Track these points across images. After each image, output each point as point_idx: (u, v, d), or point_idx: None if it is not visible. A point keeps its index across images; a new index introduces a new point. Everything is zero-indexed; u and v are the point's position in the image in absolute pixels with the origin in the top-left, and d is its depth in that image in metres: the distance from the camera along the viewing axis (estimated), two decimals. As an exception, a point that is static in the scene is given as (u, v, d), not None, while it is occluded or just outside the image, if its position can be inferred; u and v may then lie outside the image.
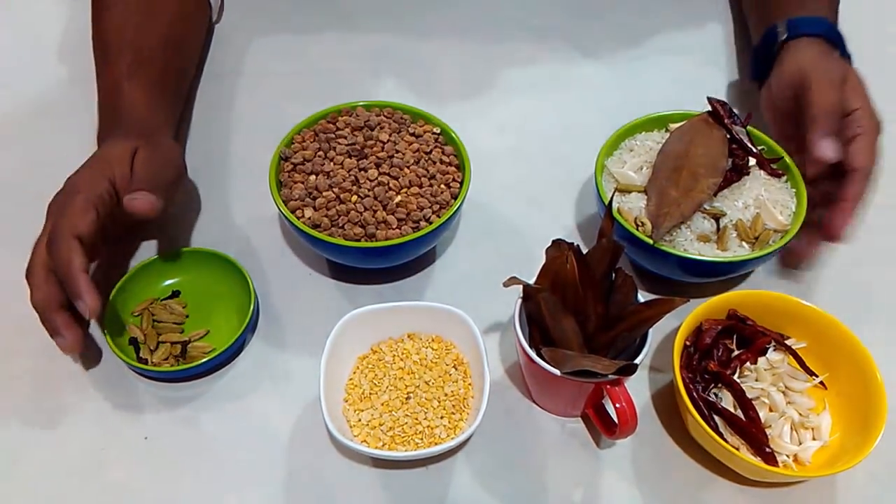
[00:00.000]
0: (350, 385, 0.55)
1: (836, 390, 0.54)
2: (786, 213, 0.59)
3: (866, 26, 0.79)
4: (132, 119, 0.62)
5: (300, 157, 0.61)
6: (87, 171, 0.56)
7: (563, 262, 0.50)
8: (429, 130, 0.64)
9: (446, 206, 0.59)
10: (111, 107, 0.64)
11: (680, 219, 0.57)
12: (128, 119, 0.62)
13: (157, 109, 0.64)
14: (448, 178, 0.61)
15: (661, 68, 0.82)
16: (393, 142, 0.62)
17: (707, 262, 0.56)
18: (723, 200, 0.60)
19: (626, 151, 0.64)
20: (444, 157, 0.62)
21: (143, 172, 0.57)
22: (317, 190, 0.59)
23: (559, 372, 0.48)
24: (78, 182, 0.55)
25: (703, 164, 0.59)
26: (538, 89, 0.80)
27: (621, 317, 0.50)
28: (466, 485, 0.52)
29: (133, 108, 0.63)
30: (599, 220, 0.59)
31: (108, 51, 0.66)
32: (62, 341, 0.52)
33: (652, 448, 0.54)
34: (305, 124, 0.64)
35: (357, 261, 0.60)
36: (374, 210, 0.58)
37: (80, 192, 0.54)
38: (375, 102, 0.66)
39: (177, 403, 0.56)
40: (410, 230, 0.58)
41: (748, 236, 0.58)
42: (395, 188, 0.59)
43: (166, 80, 0.68)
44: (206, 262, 0.61)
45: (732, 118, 0.62)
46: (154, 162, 0.58)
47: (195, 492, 0.52)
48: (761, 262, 0.60)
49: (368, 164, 0.61)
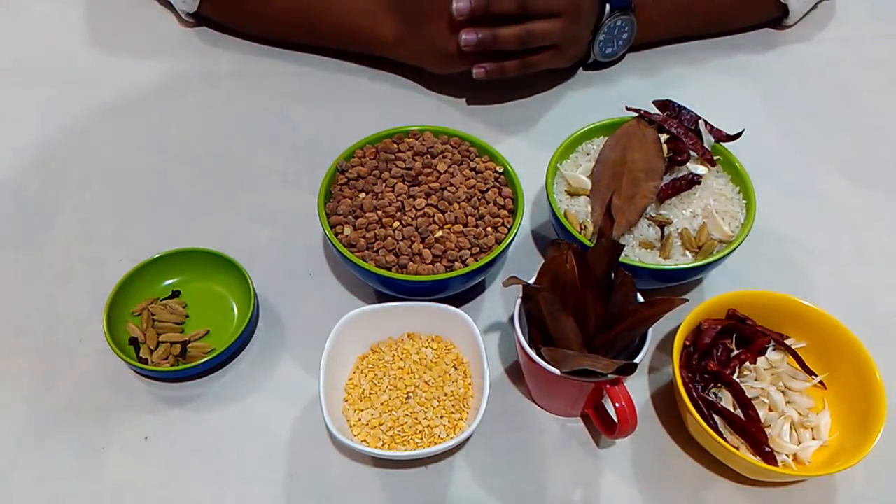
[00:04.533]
0: (350, 385, 0.55)
1: (836, 390, 0.54)
2: (734, 224, 0.59)
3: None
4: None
5: (355, 173, 0.60)
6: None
7: (563, 261, 0.50)
8: (491, 168, 0.62)
9: (487, 250, 0.57)
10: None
11: (627, 226, 0.57)
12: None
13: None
14: (497, 221, 0.58)
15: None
16: (450, 173, 0.60)
17: (645, 269, 0.55)
18: (670, 209, 0.59)
19: (582, 155, 0.64)
20: (499, 199, 0.59)
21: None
22: (361, 209, 0.58)
23: (559, 371, 0.48)
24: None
25: (641, 168, 0.59)
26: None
27: (621, 316, 0.50)
28: (466, 484, 0.52)
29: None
30: (551, 226, 0.59)
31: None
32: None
33: (652, 448, 0.54)
34: (370, 140, 0.63)
35: (383, 287, 0.59)
36: (412, 241, 0.57)
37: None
38: (443, 129, 0.64)
39: (177, 403, 0.56)
40: (443, 269, 0.55)
41: (692, 245, 0.57)
42: (440, 222, 0.57)
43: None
44: (206, 262, 0.61)
45: (672, 110, 0.62)
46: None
47: (195, 492, 0.52)
48: (702, 272, 0.59)
49: (419, 192, 0.59)
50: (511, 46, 0.69)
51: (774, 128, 0.76)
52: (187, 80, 0.80)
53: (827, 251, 0.66)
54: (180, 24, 0.86)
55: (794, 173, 0.72)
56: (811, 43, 0.85)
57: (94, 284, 0.61)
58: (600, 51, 0.78)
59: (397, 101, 0.78)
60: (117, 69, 0.82)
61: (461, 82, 0.76)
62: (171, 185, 0.71)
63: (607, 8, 0.74)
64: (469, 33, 0.68)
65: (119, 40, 0.85)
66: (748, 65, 0.83)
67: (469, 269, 0.55)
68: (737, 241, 0.57)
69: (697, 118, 0.62)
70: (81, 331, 0.59)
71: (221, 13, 0.83)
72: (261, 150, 0.74)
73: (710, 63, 0.83)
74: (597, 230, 0.58)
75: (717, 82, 0.81)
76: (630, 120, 0.63)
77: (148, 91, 0.79)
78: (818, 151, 0.74)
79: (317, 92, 0.79)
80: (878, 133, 0.76)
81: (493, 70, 0.72)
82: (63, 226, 0.67)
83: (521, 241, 0.67)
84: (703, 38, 0.84)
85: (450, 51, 0.71)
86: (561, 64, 0.76)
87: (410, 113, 0.77)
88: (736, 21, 0.84)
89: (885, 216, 0.69)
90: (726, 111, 0.69)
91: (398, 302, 0.56)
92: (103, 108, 0.77)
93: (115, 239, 0.66)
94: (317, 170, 0.62)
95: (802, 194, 0.71)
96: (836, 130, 0.76)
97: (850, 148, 0.75)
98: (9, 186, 0.70)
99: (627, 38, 0.78)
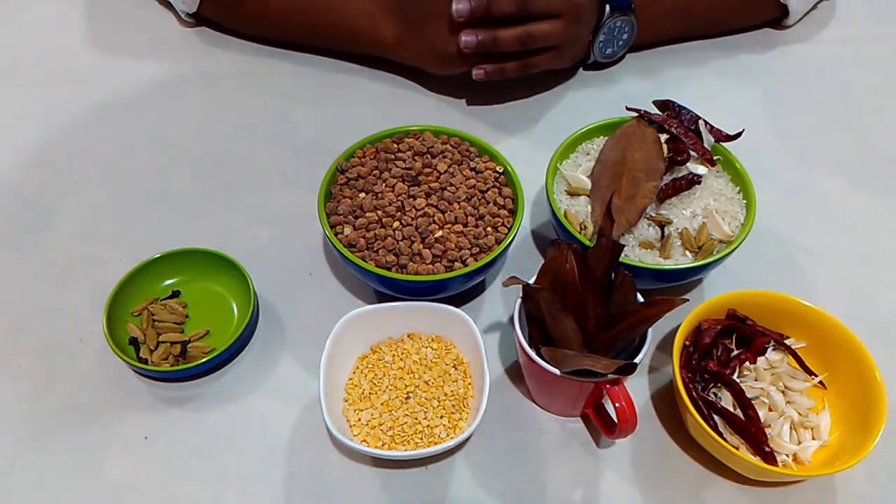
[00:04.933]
0: (350, 385, 0.55)
1: (836, 390, 0.54)
2: (734, 224, 0.59)
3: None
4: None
5: (355, 173, 0.60)
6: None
7: (563, 261, 0.50)
8: (491, 168, 0.62)
9: (487, 250, 0.57)
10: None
11: (627, 227, 0.57)
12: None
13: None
14: (497, 221, 0.58)
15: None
16: (450, 173, 0.60)
17: (645, 269, 0.55)
18: (670, 209, 0.59)
19: (582, 155, 0.64)
20: (499, 199, 0.59)
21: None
22: (361, 209, 0.58)
23: (559, 371, 0.48)
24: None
25: (641, 168, 0.59)
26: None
27: (621, 316, 0.50)
28: (466, 484, 0.52)
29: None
30: (551, 226, 0.59)
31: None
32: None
33: (652, 448, 0.54)
34: (370, 140, 0.63)
35: (383, 287, 0.58)
36: (412, 241, 0.57)
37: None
38: (443, 129, 0.64)
39: (177, 403, 0.56)
40: (443, 269, 0.56)
41: (692, 245, 0.57)
42: (440, 222, 0.57)
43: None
44: (206, 262, 0.61)
45: (673, 110, 0.62)
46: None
47: (195, 492, 0.52)
48: (702, 272, 0.59)
49: (419, 193, 0.59)
50: (511, 48, 0.69)
51: (774, 128, 0.76)
52: (187, 80, 0.80)
53: (827, 251, 0.66)
54: (180, 25, 0.86)
55: (794, 173, 0.72)
56: (811, 43, 0.85)
57: (94, 284, 0.61)
58: (600, 51, 0.78)
59: (397, 101, 0.78)
60: (117, 69, 0.82)
61: (461, 82, 0.76)
62: (171, 185, 0.71)
63: (607, 9, 0.74)
64: (469, 35, 0.68)
65: (119, 40, 0.85)
66: (748, 65, 0.83)
67: (469, 269, 0.55)
68: (737, 241, 0.57)
69: (697, 118, 0.62)
70: (81, 331, 0.59)
71: (221, 13, 0.83)
72: (261, 150, 0.74)
73: (710, 63, 0.83)
74: (597, 230, 0.58)
75: (716, 82, 0.81)
76: (630, 120, 0.63)
77: (148, 91, 0.79)
78: (818, 151, 0.74)
79: (317, 92, 0.79)
80: (878, 133, 0.76)
81: (493, 71, 0.72)
82: (63, 226, 0.67)
83: (521, 241, 0.67)
84: (704, 39, 0.84)
85: (449, 52, 0.71)
86: (561, 65, 0.76)
87: (410, 113, 0.77)
88: (736, 21, 0.85)
89: (885, 216, 0.69)
90: (726, 111, 0.69)
91: (398, 302, 0.56)
92: (103, 108, 0.77)
93: (115, 239, 0.66)
94: (317, 170, 0.62)
95: (802, 194, 0.71)
96: (836, 130, 0.76)
97: (850, 148, 0.75)
98: (9, 186, 0.70)
99: (627, 38, 0.78)
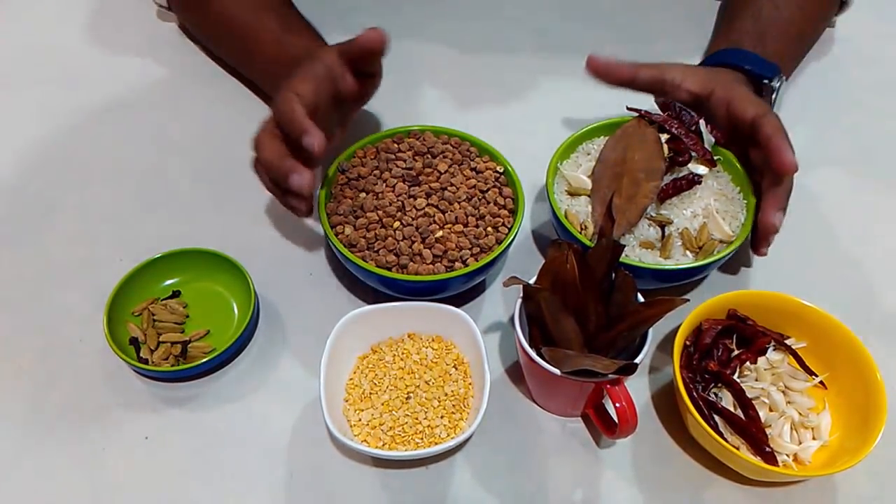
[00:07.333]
0: (350, 385, 0.55)
1: (836, 390, 0.54)
2: (734, 224, 0.59)
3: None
4: (303, 54, 0.63)
5: (356, 173, 0.60)
6: (300, 67, 0.59)
7: (563, 262, 0.50)
8: (491, 168, 0.62)
9: (487, 250, 0.57)
10: (276, 58, 0.68)
11: (627, 227, 0.57)
12: (299, 55, 0.63)
13: (314, 40, 0.69)
14: (497, 221, 0.58)
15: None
16: (451, 173, 0.60)
17: (645, 269, 0.55)
18: (671, 209, 0.59)
19: (582, 155, 0.64)
20: (499, 199, 0.60)
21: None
22: (362, 209, 0.58)
23: (559, 371, 0.48)
24: (295, 72, 0.58)
25: (642, 168, 0.59)
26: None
27: (621, 316, 0.50)
28: (466, 484, 0.52)
29: (298, 48, 0.66)
30: (552, 226, 0.59)
31: (248, 26, 0.72)
32: (298, 179, 0.54)
33: (652, 448, 0.54)
34: (370, 140, 0.63)
35: (383, 287, 0.58)
36: (413, 241, 0.57)
37: (298, 73, 0.57)
38: (444, 129, 0.64)
39: (177, 403, 0.56)
40: (444, 269, 0.56)
41: (692, 245, 0.57)
42: (440, 222, 0.58)
43: (301, 20, 0.72)
44: (206, 262, 0.61)
45: (673, 110, 0.62)
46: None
47: (195, 492, 0.52)
48: (703, 272, 0.59)
49: (419, 193, 0.59)
50: None
51: (774, 128, 0.76)
52: (187, 79, 0.80)
53: (827, 251, 0.66)
54: (159, 18, 0.86)
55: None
56: (811, 43, 0.85)
57: (95, 284, 0.61)
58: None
59: (397, 101, 0.78)
60: (117, 69, 0.82)
61: (461, 82, 0.76)
62: (171, 185, 0.71)
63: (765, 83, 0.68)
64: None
65: (119, 40, 0.85)
66: (748, 65, 0.83)
67: (469, 269, 0.55)
68: (737, 241, 0.57)
69: (698, 118, 0.62)
70: (81, 331, 0.59)
71: (182, 10, 0.82)
72: (261, 150, 0.73)
73: (710, 63, 0.83)
74: (597, 230, 0.58)
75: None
76: (630, 120, 0.63)
77: (148, 91, 0.79)
78: (818, 151, 0.74)
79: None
80: (878, 133, 0.76)
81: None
82: (63, 226, 0.67)
83: (521, 241, 0.67)
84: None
85: None
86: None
87: (411, 113, 0.77)
88: (823, 27, 0.81)
89: (885, 216, 0.69)
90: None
91: (398, 302, 0.56)
92: (103, 108, 0.77)
93: (115, 239, 0.66)
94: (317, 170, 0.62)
95: (802, 194, 0.70)
96: (836, 130, 0.76)
97: (850, 148, 0.75)
98: (9, 186, 0.70)
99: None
